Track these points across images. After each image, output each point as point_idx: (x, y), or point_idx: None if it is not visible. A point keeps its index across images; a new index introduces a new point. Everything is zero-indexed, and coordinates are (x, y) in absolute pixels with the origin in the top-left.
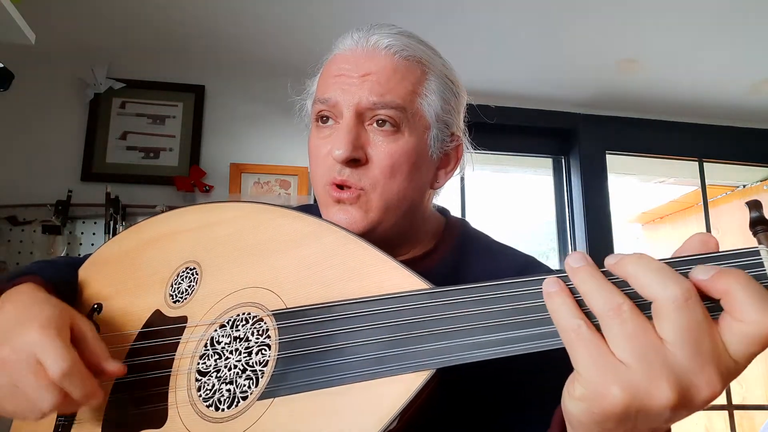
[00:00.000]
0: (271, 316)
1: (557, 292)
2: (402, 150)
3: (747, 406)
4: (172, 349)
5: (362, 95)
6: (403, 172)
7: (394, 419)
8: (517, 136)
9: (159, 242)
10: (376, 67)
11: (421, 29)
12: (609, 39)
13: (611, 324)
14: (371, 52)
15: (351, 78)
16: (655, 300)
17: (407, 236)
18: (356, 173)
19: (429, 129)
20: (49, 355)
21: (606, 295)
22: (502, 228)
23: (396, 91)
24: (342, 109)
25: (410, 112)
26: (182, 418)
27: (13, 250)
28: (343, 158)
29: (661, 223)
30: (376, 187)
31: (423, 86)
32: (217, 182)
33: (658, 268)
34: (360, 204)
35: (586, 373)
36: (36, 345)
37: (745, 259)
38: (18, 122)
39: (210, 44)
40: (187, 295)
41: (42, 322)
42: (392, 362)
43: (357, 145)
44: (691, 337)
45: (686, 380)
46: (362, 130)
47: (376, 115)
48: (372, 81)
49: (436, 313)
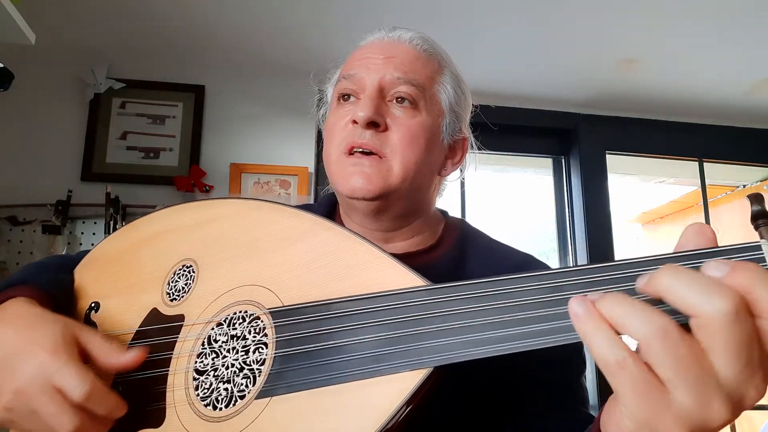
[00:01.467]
0: (268, 314)
1: (588, 315)
2: (420, 125)
3: None
4: (170, 348)
5: (387, 71)
6: (420, 145)
7: (392, 417)
8: (517, 136)
9: (155, 240)
10: (400, 52)
11: (421, 30)
12: (609, 39)
13: (657, 350)
14: (395, 42)
15: (376, 59)
16: (701, 315)
17: (412, 217)
18: (377, 137)
19: (443, 115)
20: (68, 381)
21: (647, 317)
22: (502, 228)
23: (418, 72)
24: (365, 84)
25: (428, 93)
26: (180, 418)
27: (13, 250)
28: (365, 118)
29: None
30: (396, 153)
31: (440, 76)
32: (217, 182)
33: (697, 278)
34: (379, 167)
35: (635, 409)
36: (51, 372)
37: (746, 254)
38: (18, 122)
39: (210, 44)
40: (184, 293)
41: (50, 347)
42: (390, 360)
43: (379, 111)
44: (744, 350)
45: (737, 393)
46: (383, 103)
47: (397, 92)
48: (396, 62)
49: (434, 310)
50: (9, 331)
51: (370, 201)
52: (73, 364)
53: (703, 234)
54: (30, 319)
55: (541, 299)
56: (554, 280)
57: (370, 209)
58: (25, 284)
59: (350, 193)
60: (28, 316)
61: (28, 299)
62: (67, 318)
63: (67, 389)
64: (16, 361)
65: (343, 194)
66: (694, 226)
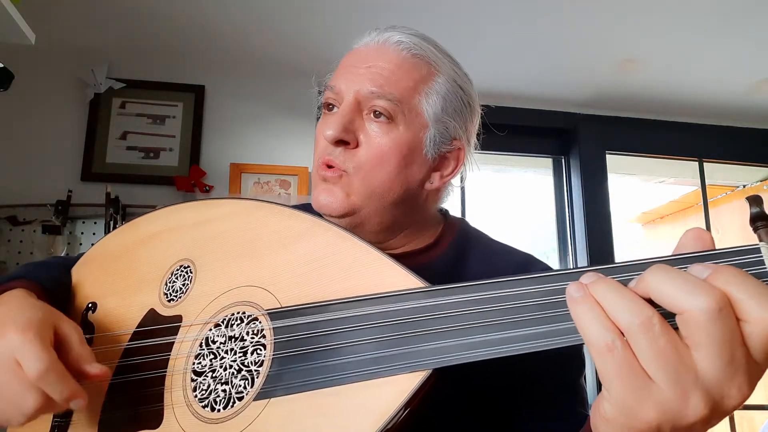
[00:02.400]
0: (266, 315)
1: (583, 298)
2: (393, 142)
3: (747, 406)
4: (167, 349)
5: (363, 84)
6: (392, 163)
7: (390, 420)
8: (517, 136)
9: (153, 240)
10: (382, 60)
11: (420, 29)
12: (609, 39)
13: (640, 339)
14: (381, 47)
15: (357, 69)
16: (684, 312)
17: (398, 229)
18: (343, 155)
19: (426, 128)
20: (26, 356)
21: (634, 306)
22: (502, 228)
23: (396, 85)
24: (343, 95)
25: (407, 107)
26: (178, 419)
27: (13, 250)
28: (331, 138)
29: (661, 223)
30: (359, 171)
31: (426, 85)
32: (217, 182)
33: (682, 276)
34: (342, 185)
35: (617, 392)
36: (15, 347)
37: (745, 257)
38: (18, 122)
39: (210, 44)
40: (181, 293)
41: (22, 325)
42: (388, 362)
43: (349, 128)
44: (726, 348)
45: (718, 392)
46: (358, 117)
47: (373, 105)
48: (374, 72)
49: (433, 312)
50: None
51: (338, 218)
52: (37, 342)
53: (700, 239)
54: (20, 305)
55: (539, 302)
56: (553, 282)
57: (345, 224)
58: (25, 279)
59: (318, 209)
60: (19, 302)
61: (26, 290)
62: (55, 310)
63: (24, 365)
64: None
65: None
66: (693, 231)
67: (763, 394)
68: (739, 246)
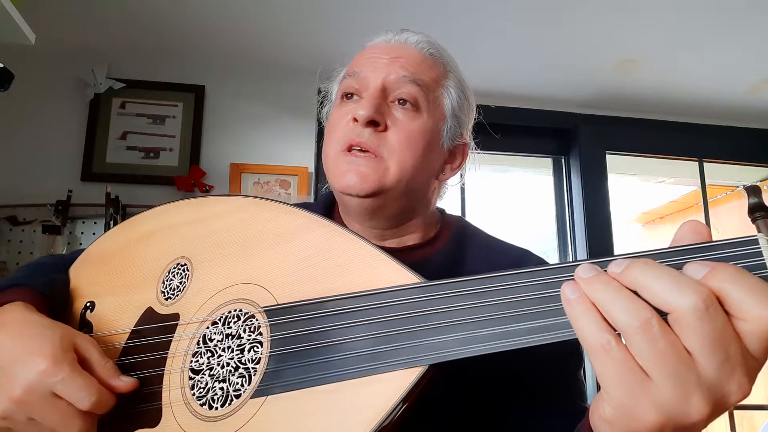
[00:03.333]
0: (262, 312)
1: (578, 299)
2: (420, 128)
3: (747, 406)
4: (165, 347)
5: (392, 70)
6: (419, 147)
7: (388, 416)
8: (517, 136)
9: (150, 239)
10: (406, 54)
11: (422, 29)
12: (609, 39)
13: (639, 341)
14: (401, 44)
15: (382, 59)
16: (674, 311)
17: (408, 217)
18: (375, 137)
19: (444, 119)
20: (74, 391)
21: (631, 307)
22: (502, 228)
23: (424, 73)
24: (369, 83)
25: (432, 96)
26: (176, 417)
27: (13, 250)
28: (365, 117)
29: (661, 223)
30: (393, 154)
31: (445, 80)
32: (217, 182)
33: (670, 275)
34: (377, 168)
35: (616, 393)
36: (54, 382)
37: (743, 249)
38: (18, 122)
39: (210, 44)
40: (178, 291)
41: (50, 356)
42: (385, 358)
43: (380, 111)
44: (718, 346)
45: (718, 390)
46: (385, 104)
47: (400, 93)
48: (402, 62)
49: (429, 307)
50: (5, 338)
51: (363, 198)
52: (76, 374)
53: (697, 232)
54: (27, 326)
55: (536, 295)
56: (549, 276)
57: (364, 207)
58: (21, 287)
59: (344, 188)
60: (26, 323)
61: (25, 304)
62: (64, 325)
63: (74, 400)
64: (14, 369)
65: (338, 189)
66: (689, 224)
67: (763, 394)
68: (737, 237)
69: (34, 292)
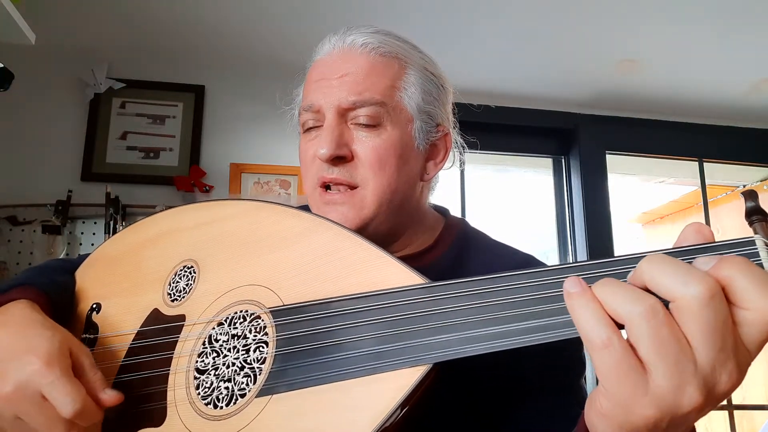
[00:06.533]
0: (268, 313)
1: (579, 293)
2: (387, 144)
3: (747, 406)
4: (171, 348)
5: (341, 95)
6: (391, 165)
7: (391, 414)
8: (517, 136)
9: (157, 241)
10: (353, 66)
11: (421, 31)
12: (609, 39)
13: (643, 329)
14: (347, 53)
15: (330, 81)
16: (678, 298)
17: (401, 231)
18: (345, 170)
19: (412, 121)
20: (58, 396)
21: (634, 296)
22: (502, 228)
23: (374, 88)
24: (324, 111)
25: (390, 106)
26: (181, 417)
27: (13, 250)
28: (328, 156)
29: (661, 223)
30: (368, 182)
31: (401, 80)
32: (217, 182)
33: (675, 265)
34: (354, 202)
35: (614, 389)
36: (43, 384)
37: (740, 249)
38: (18, 122)
39: (210, 44)
40: (185, 293)
41: (44, 357)
42: (390, 357)
43: (341, 142)
44: (717, 335)
45: (711, 379)
46: (345, 129)
47: (356, 118)
48: (349, 81)
49: (433, 307)
50: (4, 335)
51: None
52: (66, 379)
53: (700, 234)
54: (28, 325)
55: (538, 295)
56: (551, 276)
57: None
58: (26, 286)
59: None
60: (27, 322)
61: (30, 302)
62: (64, 330)
63: (57, 404)
64: (8, 365)
65: None
66: (693, 226)
67: (763, 394)
68: (735, 239)
69: (39, 291)
